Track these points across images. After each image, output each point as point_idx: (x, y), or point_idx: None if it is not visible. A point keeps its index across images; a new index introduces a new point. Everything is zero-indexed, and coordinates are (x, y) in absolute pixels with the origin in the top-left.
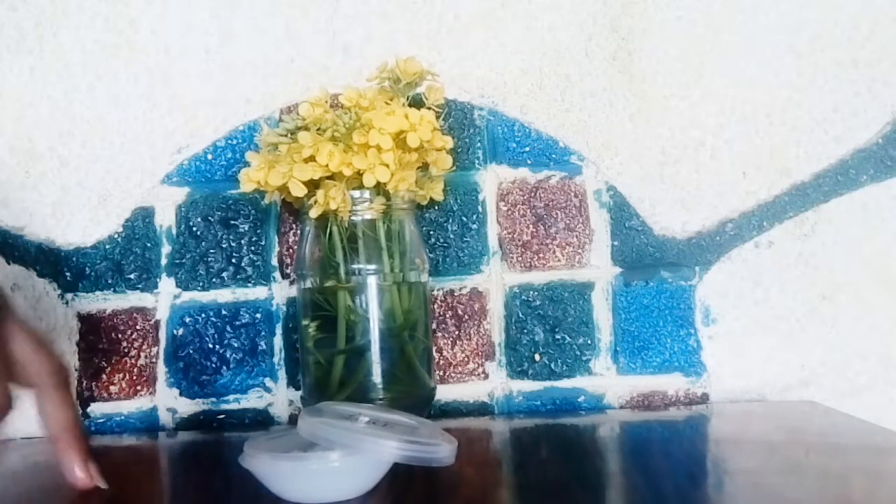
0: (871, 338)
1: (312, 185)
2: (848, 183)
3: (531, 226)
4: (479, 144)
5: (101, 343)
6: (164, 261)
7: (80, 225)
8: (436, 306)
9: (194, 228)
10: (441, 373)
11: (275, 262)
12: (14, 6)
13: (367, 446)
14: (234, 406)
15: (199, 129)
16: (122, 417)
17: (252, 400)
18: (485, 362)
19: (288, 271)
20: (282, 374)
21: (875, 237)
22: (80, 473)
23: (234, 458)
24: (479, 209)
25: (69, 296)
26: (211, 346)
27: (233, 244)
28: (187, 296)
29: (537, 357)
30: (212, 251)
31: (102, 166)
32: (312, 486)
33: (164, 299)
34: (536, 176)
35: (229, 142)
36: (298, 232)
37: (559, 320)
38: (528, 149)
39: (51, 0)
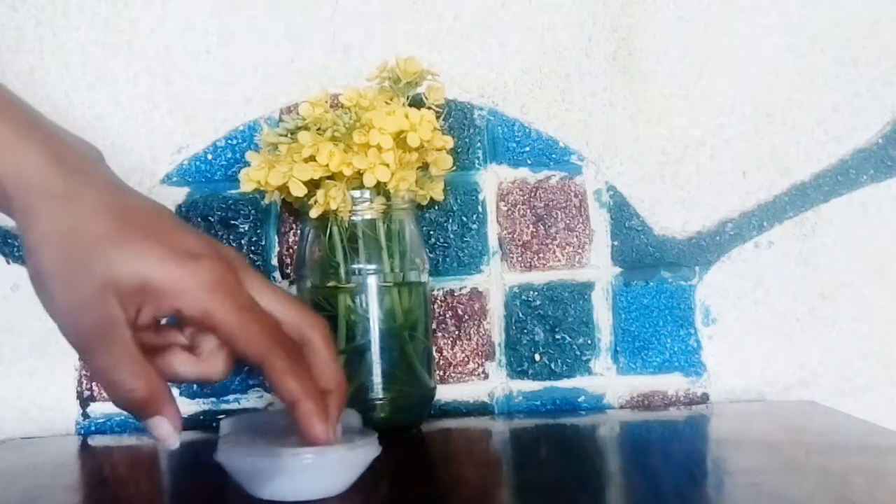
0: (871, 338)
1: (312, 185)
2: (848, 183)
3: (531, 226)
4: (479, 144)
5: None
6: None
7: None
8: (436, 306)
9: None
10: (441, 373)
11: (275, 262)
12: (14, 6)
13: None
14: (234, 406)
15: (199, 129)
16: (122, 417)
17: (252, 400)
18: (485, 362)
19: (288, 271)
20: None
21: (875, 237)
22: (330, 435)
23: None
24: (479, 209)
25: None
26: None
27: (233, 244)
28: None
29: (537, 357)
30: None
31: None
32: (287, 484)
33: None
34: (536, 176)
35: (229, 142)
36: (298, 232)
37: (559, 320)
38: (528, 149)
39: (51, 0)
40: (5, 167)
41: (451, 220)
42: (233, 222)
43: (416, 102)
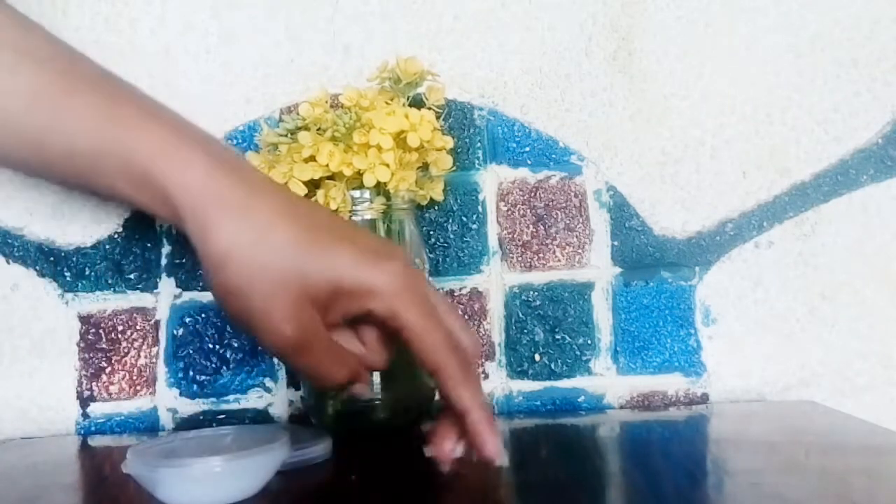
0: (871, 338)
1: (312, 185)
2: (848, 183)
3: (531, 226)
4: (479, 144)
5: (101, 343)
6: (164, 261)
7: (81, 224)
8: None
9: None
10: None
11: None
12: (14, 6)
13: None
14: (234, 406)
15: None
16: (122, 417)
17: (252, 400)
18: (485, 362)
19: None
20: (282, 373)
21: (875, 237)
22: (501, 450)
23: None
24: (479, 209)
25: (69, 296)
26: (211, 346)
27: None
28: (187, 296)
29: (537, 357)
30: None
31: None
32: (196, 492)
33: (164, 299)
34: (536, 176)
35: (229, 142)
36: None
37: (559, 320)
38: (528, 149)
39: (51, 1)
40: (173, 175)
41: (451, 220)
42: None
43: (417, 102)
